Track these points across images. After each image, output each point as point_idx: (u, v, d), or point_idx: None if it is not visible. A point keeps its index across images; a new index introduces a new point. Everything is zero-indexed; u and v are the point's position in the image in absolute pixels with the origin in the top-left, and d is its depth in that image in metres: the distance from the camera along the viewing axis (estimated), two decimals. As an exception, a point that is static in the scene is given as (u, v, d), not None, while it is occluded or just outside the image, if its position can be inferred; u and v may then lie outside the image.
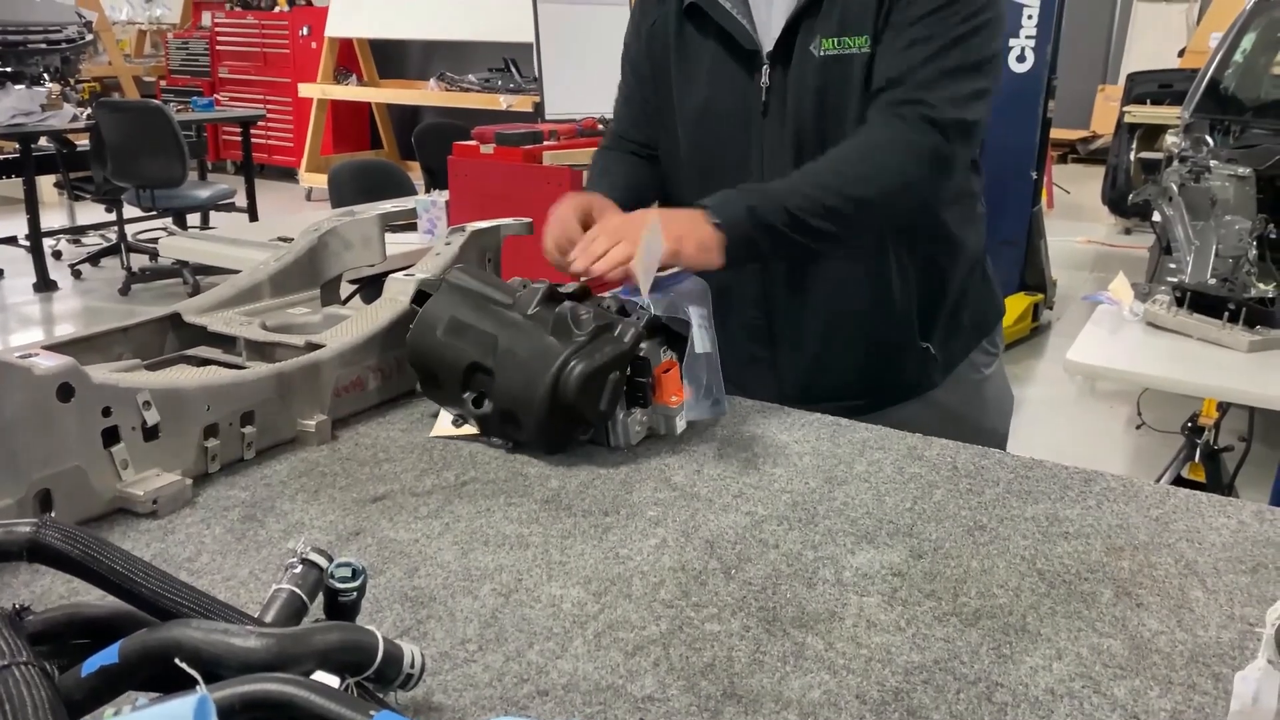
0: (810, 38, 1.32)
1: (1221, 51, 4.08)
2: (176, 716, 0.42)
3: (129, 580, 0.56)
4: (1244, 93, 4.07)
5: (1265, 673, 0.64)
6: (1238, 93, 4.06)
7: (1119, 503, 1.06)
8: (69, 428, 0.94)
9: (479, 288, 1.19)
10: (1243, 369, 2.23)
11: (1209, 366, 2.24)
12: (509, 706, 0.73)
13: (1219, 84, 3.99)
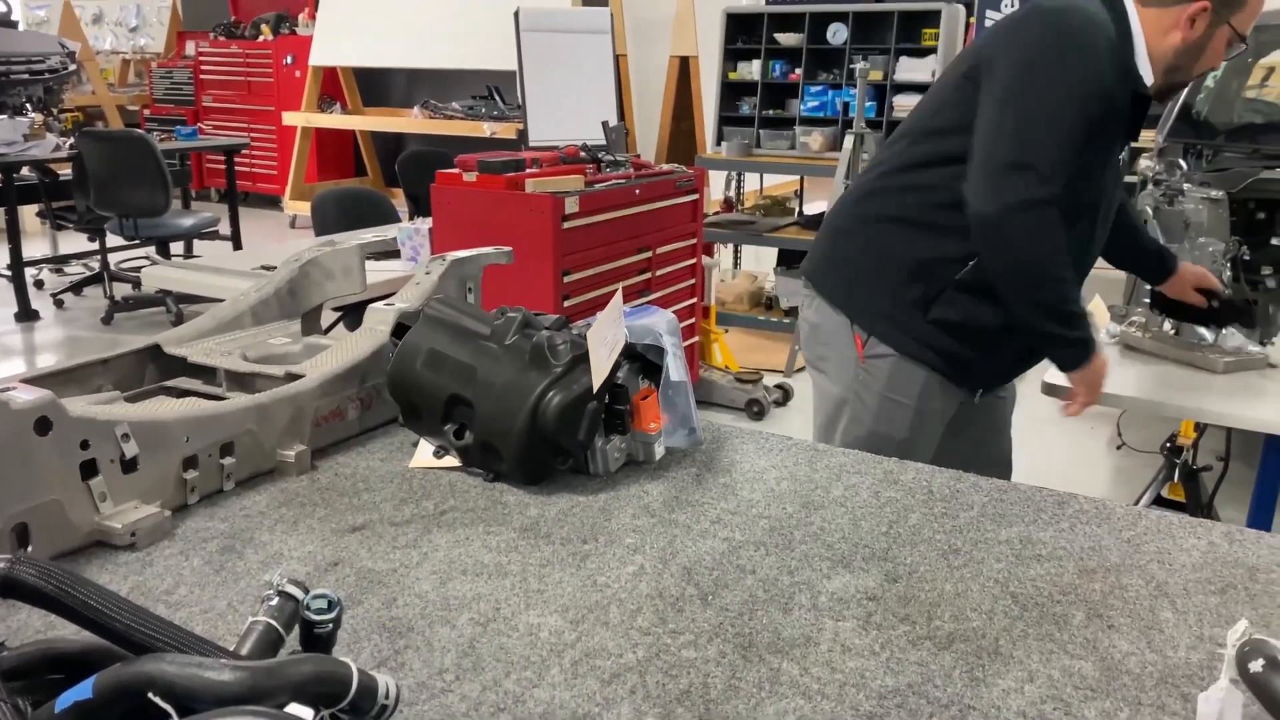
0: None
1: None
2: None
3: (103, 615, 0.57)
4: (1216, 117, 4.14)
5: (1228, 692, 0.65)
6: (1210, 117, 4.12)
7: (1092, 525, 1.08)
8: (47, 461, 0.95)
9: (456, 318, 1.20)
10: (1217, 390, 2.25)
11: (1184, 388, 2.26)
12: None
13: (1191, 109, 4.05)
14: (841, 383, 1.83)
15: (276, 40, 9.38)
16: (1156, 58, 1.65)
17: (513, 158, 3.40)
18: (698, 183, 3.87)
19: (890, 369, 1.76)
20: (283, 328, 1.46)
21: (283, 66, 9.31)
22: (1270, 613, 0.91)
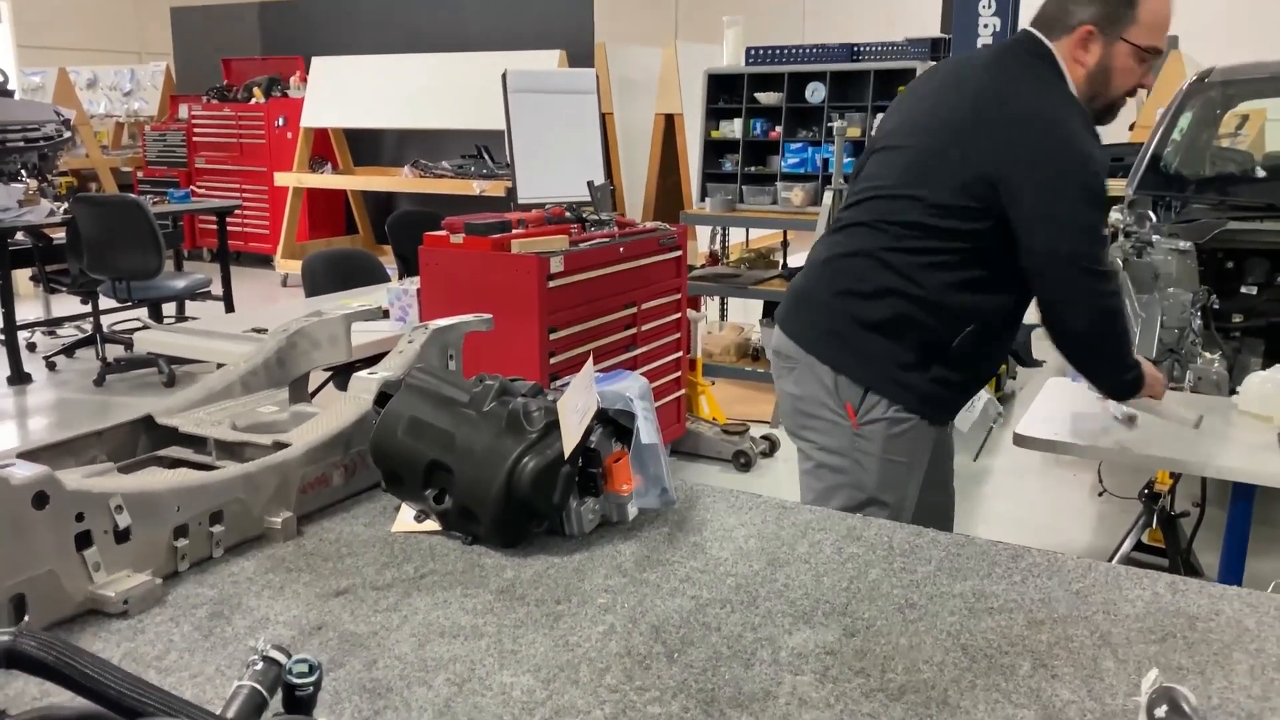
0: None
1: (1160, 130, 4.26)
2: None
3: (98, 683, 0.61)
4: (1187, 169, 4.25)
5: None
6: (1181, 169, 4.24)
7: (1043, 577, 1.13)
8: (43, 534, 0.99)
9: (437, 386, 1.25)
10: (1186, 439, 2.31)
11: (1154, 437, 2.31)
12: (458, 791, 0.77)
13: (1160, 161, 4.16)
14: (834, 451, 1.88)
15: (269, 103, 9.54)
16: (1079, 92, 1.77)
17: (499, 219, 3.49)
18: (680, 239, 3.96)
19: (885, 430, 1.85)
20: (271, 396, 1.51)
21: (274, 128, 9.47)
22: (1206, 660, 0.96)
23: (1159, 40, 1.73)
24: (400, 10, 9.46)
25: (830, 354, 1.87)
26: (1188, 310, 3.31)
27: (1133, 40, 1.71)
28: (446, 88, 8.19)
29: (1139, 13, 1.70)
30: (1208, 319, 3.43)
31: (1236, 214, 3.73)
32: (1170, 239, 3.48)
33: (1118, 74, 1.74)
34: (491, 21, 8.69)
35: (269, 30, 10.41)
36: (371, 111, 8.68)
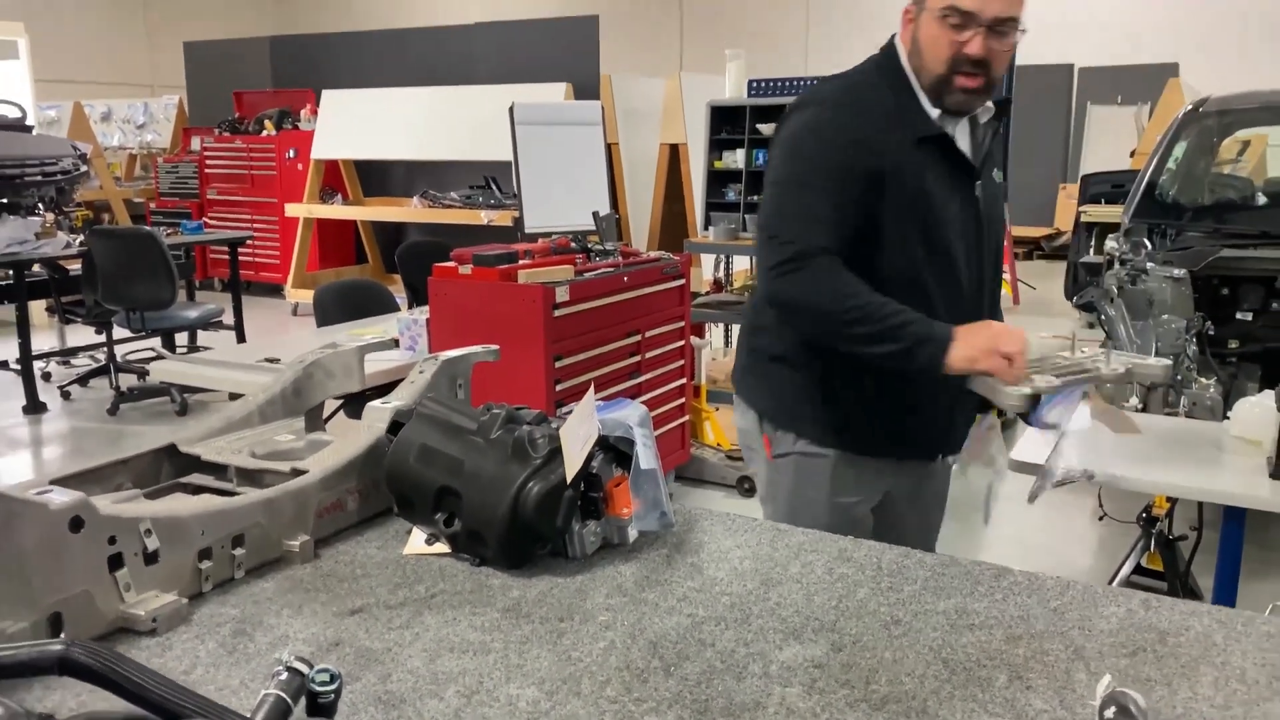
0: (991, 166, 1.82)
1: (1156, 159, 4.34)
2: None
3: (143, 689, 0.68)
4: (1184, 197, 4.31)
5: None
6: (1175, 197, 4.31)
7: (1023, 596, 1.19)
8: (79, 556, 1.06)
9: (446, 415, 1.32)
10: (1177, 463, 2.36)
11: (1146, 461, 2.36)
12: (467, 793, 0.83)
13: (1155, 189, 4.23)
14: (761, 483, 1.94)
15: (279, 135, 9.68)
16: (914, 74, 1.71)
17: (506, 250, 3.57)
18: (683, 268, 4.03)
19: (795, 464, 1.84)
20: (287, 425, 1.58)
21: (285, 160, 9.60)
22: (1173, 672, 1.02)
23: (961, 1, 1.60)
24: (409, 44, 9.62)
25: (745, 389, 1.91)
26: (1182, 337, 3.37)
27: (935, 6, 1.63)
28: (455, 120, 8.32)
29: None
30: (1203, 345, 3.49)
31: (1231, 241, 3.79)
32: (1165, 266, 3.54)
33: (926, 44, 1.65)
34: (499, 55, 8.83)
35: (280, 64, 10.58)
36: (381, 143, 8.81)
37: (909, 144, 1.69)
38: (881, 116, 1.71)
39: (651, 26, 14.99)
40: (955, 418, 1.87)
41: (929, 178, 1.70)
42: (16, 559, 1.01)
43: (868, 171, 1.67)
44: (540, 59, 8.47)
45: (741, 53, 6.17)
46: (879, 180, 1.67)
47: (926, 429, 1.85)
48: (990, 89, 1.69)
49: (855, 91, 1.76)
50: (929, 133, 1.70)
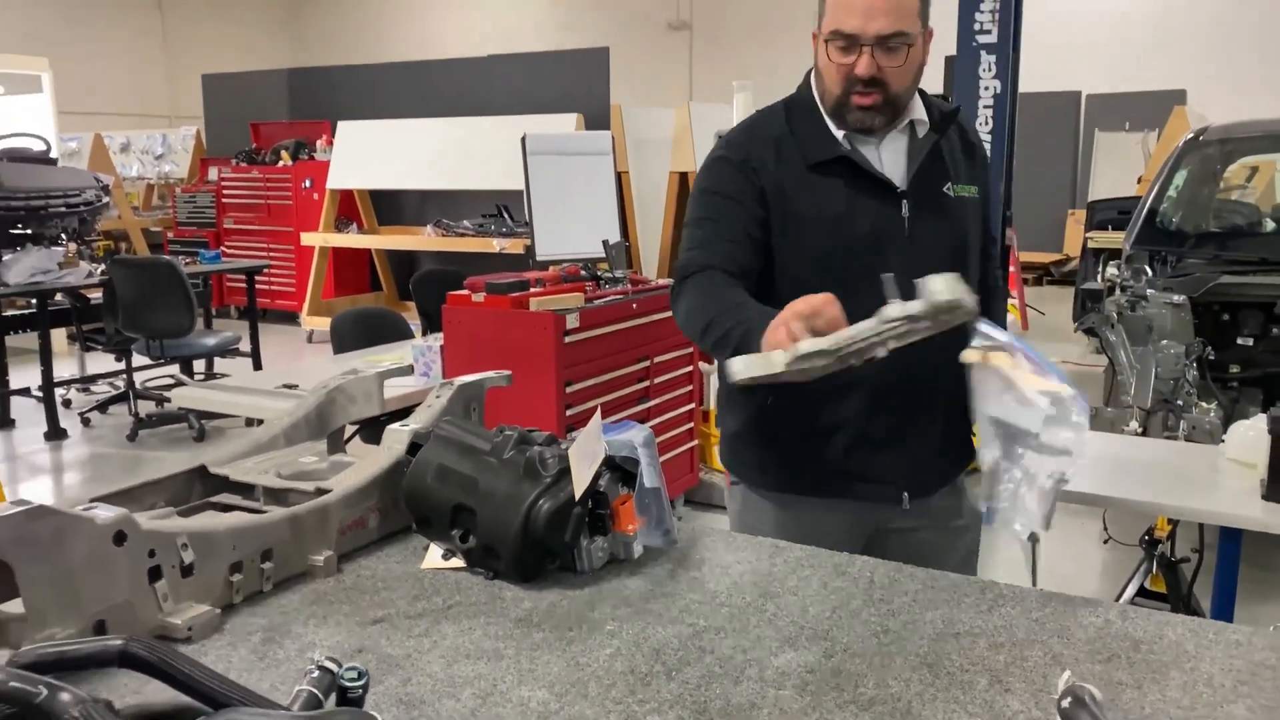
0: (941, 182, 1.75)
1: (1157, 187, 4.41)
2: None
3: (192, 679, 0.75)
4: (1182, 224, 4.39)
5: (1059, 730, 0.82)
6: (1176, 224, 4.38)
7: (1007, 607, 1.25)
8: (121, 568, 1.14)
9: (461, 437, 1.40)
10: (1173, 484, 2.41)
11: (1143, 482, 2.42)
12: (483, 783, 0.90)
13: (1156, 216, 4.30)
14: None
15: (296, 165, 9.85)
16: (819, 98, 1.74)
17: (518, 278, 3.66)
18: (692, 297, 4.11)
19: (732, 502, 1.88)
20: (311, 447, 1.66)
21: (301, 189, 9.77)
22: (1144, 676, 1.08)
23: (837, 24, 1.62)
24: (423, 76, 9.80)
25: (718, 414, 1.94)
26: (1182, 361, 3.43)
27: (823, 31, 1.66)
28: (468, 150, 8.46)
29: (826, 7, 1.66)
30: (1203, 370, 3.54)
31: (1231, 267, 3.86)
32: (1164, 293, 3.61)
33: (823, 68, 1.69)
34: (511, 87, 8.98)
35: (296, 95, 10.78)
36: (395, 173, 8.96)
37: (799, 169, 1.70)
38: (769, 143, 1.73)
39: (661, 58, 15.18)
40: (915, 454, 1.76)
41: (828, 201, 1.69)
42: (65, 570, 1.09)
43: (754, 194, 1.70)
44: (552, 90, 8.62)
45: (749, 84, 6.28)
46: (764, 203, 1.70)
47: (873, 467, 1.75)
48: (891, 105, 1.67)
49: (749, 126, 1.81)
50: (824, 156, 1.70)
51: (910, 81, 1.69)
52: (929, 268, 1.58)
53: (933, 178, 1.74)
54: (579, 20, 15.57)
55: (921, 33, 1.66)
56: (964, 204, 1.78)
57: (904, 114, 1.73)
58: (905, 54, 1.63)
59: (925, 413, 1.74)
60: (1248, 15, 12.26)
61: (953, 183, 1.76)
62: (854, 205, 1.71)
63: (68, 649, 0.78)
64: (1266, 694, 1.04)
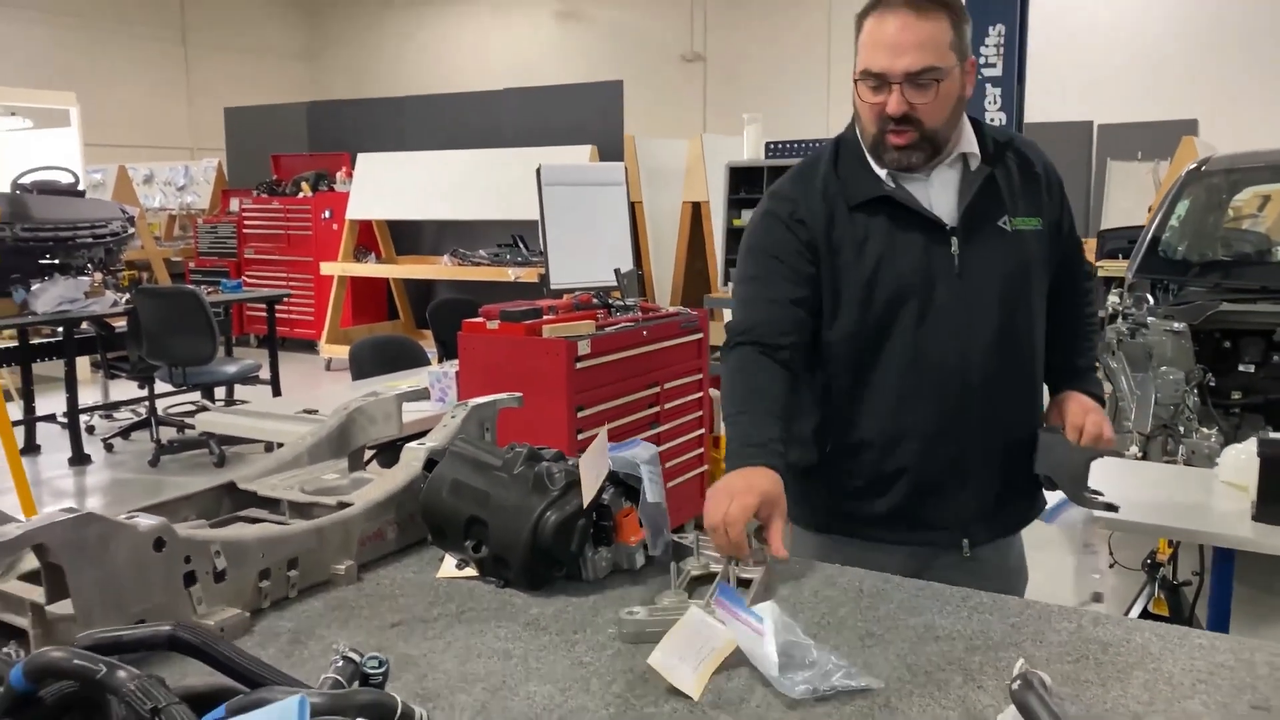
0: (995, 216, 1.71)
1: (1159, 216, 4.49)
2: (284, 710, 0.70)
3: (232, 661, 0.84)
4: (1184, 252, 4.46)
5: (1014, 714, 0.90)
6: (1178, 253, 4.45)
7: (986, 614, 1.33)
8: (160, 572, 1.23)
9: (475, 454, 1.49)
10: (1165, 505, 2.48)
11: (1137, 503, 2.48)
12: (492, 766, 0.99)
13: (1159, 245, 4.38)
14: None
15: (315, 196, 10.04)
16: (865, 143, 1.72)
17: (531, 306, 3.76)
18: (701, 323, 4.21)
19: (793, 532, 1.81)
20: (333, 465, 1.76)
21: (321, 220, 9.94)
22: (1109, 675, 1.15)
23: (866, 63, 1.63)
24: (441, 109, 9.99)
25: None
26: (1182, 388, 3.49)
27: (857, 71, 1.66)
28: (484, 181, 8.62)
29: (858, 47, 1.66)
30: (1204, 396, 3.61)
31: (1232, 295, 3.92)
32: (1165, 320, 3.68)
33: (859, 109, 1.69)
34: (526, 119, 9.16)
35: (316, 128, 11.00)
36: (413, 204, 9.13)
37: (843, 211, 1.71)
38: (817, 190, 1.73)
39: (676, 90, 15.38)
40: (970, 498, 1.74)
41: (871, 242, 1.69)
42: (110, 572, 1.18)
43: (800, 248, 1.71)
44: (566, 123, 8.78)
45: (759, 115, 6.42)
46: (813, 255, 1.70)
47: (931, 511, 1.74)
48: (929, 141, 1.65)
49: (796, 175, 1.80)
50: (866, 196, 1.70)
51: (946, 116, 1.65)
52: (981, 304, 1.69)
53: (986, 212, 1.70)
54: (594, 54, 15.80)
55: (958, 65, 1.63)
56: (1022, 237, 1.72)
57: (949, 148, 1.69)
58: (936, 89, 1.60)
59: (985, 458, 1.71)
60: (1260, 46, 12.36)
61: (1010, 215, 1.71)
62: (898, 244, 1.69)
63: (123, 634, 0.87)
64: (1223, 692, 1.12)
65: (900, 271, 1.69)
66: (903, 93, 1.60)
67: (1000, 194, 1.72)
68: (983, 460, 1.73)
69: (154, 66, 15.95)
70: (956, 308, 1.70)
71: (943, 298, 1.69)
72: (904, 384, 1.70)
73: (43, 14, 14.33)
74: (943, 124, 1.65)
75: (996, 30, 5.19)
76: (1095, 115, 12.90)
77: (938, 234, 1.69)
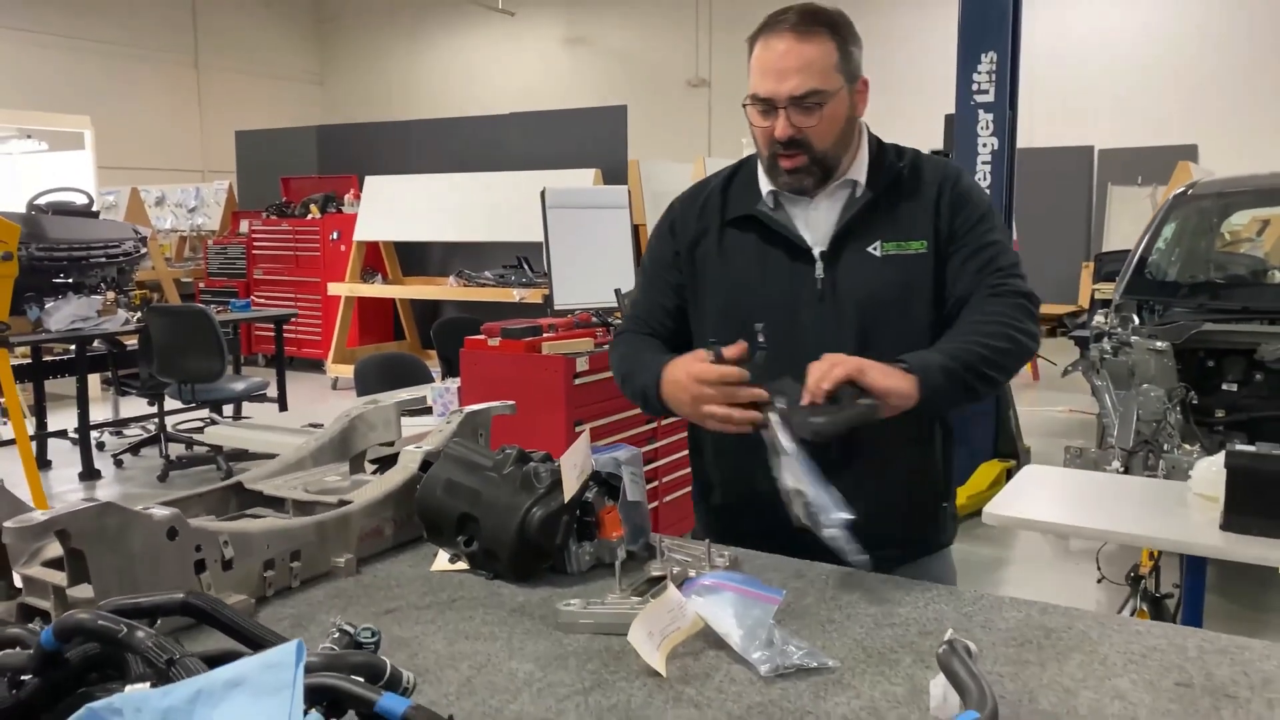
0: (867, 241, 1.69)
1: (1146, 239, 4.59)
2: (284, 651, 0.79)
3: (237, 624, 0.94)
4: (1169, 274, 4.56)
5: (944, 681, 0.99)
6: (1164, 275, 4.55)
7: (941, 604, 1.42)
8: (173, 560, 1.33)
9: (467, 455, 1.59)
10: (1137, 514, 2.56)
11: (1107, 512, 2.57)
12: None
13: (1145, 267, 4.48)
14: None
15: (324, 218, 10.19)
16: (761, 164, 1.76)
17: (532, 324, 3.88)
18: (698, 343, 4.31)
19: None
20: (335, 468, 1.86)
21: (329, 241, 10.09)
22: (1049, 656, 1.25)
23: (754, 87, 1.65)
24: (448, 133, 10.16)
25: None
26: (1164, 405, 3.58)
27: (747, 97, 1.68)
28: (489, 204, 8.76)
29: (749, 71, 1.68)
30: (1187, 413, 3.69)
31: (1215, 316, 4.02)
32: (1148, 339, 3.77)
33: (754, 131, 1.71)
34: (532, 143, 9.31)
35: (326, 151, 11.17)
36: (420, 226, 9.27)
37: (716, 226, 1.77)
38: (699, 204, 1.81)
39: (680, 114, 15.57)
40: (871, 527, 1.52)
41: (739, 259, 1.74)
42: (127, 558, 1.28)
43: (672, 258, 1.81)
44: (571, 146, 8.92)
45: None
46: (680, 265, 1.80)
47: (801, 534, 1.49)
48: (819, 164, 1.66)
49: (695, 188, 1.87)
50: (738, 213, 1.75)
51: (835, 138, 1.66)
52: (843, 328, 1.67)
53: (858, 237, 1.69)
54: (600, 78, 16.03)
55: (846, 87, 1.65)
56: (895, 262, 1.69)
57: (841, 171, 1.71)
58: (822, 112, 1.62)
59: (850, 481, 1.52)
60: (1259, 74, 12.50)
61: (883, 241, 1.69)
62: (765, 264, 1.72)
63: (141, 600, 0.97)
64: (1151, 671, 1.21)
65: (763, 291, 1.71)
66: (789, 116, 1.62)
67: (877, 219, 1.70)
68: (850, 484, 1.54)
69: (167, 90, 16.22)
70: (818, 330, 1.68)
71: (805, 319, 1.69)
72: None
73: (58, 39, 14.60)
74: (831, 146, 1.66)
75: (989, 57, 5.32)
76: (1096, 140, 13.04)
77: (804, 256, 1.70)
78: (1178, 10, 13.09)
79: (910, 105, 12.27)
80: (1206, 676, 1.19)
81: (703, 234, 1.79)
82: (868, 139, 1.76)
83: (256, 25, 17.54)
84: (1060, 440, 7.01)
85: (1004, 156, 5.44)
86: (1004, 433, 5.69)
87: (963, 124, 5.45)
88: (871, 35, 1.85)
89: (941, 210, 1.71)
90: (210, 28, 16.80)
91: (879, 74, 1.88)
